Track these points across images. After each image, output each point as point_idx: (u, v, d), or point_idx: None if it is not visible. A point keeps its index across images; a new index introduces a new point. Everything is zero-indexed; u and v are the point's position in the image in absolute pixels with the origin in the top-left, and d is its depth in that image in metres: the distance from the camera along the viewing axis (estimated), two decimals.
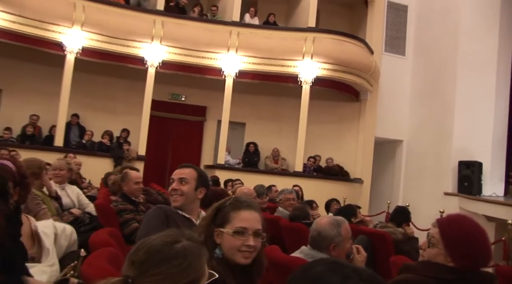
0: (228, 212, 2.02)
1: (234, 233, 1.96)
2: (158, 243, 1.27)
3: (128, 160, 11.38)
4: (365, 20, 14.04)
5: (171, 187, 3.02)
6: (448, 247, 2.07)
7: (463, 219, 2.14)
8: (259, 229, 2.01)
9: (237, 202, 2.06)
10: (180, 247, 1.26)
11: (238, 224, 1.98)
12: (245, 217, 2.00)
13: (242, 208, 2.02)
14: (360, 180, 13.19)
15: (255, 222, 2.01)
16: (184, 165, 3.14)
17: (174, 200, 3.00)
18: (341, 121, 13.65)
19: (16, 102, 11.86)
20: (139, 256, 1.25)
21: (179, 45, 11.86)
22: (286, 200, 6.23)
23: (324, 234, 2.89)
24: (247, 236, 1.96)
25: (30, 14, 10.64)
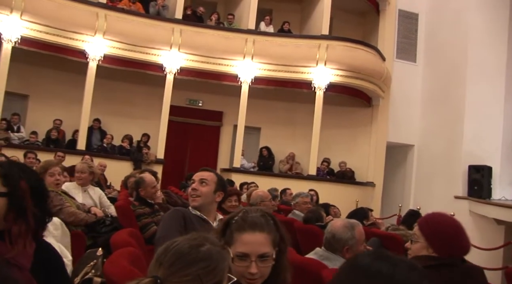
0: (232, 232, 1.83)
1: (235, 257, 1.76)
2: (185, 245, 1.29)
3: (147, 164, 11.70)
4: (377, 28, 14.26)
5: (191, 187, 3.12)
6: (428, 239, 2.34)
7: (438, 215, 2.44)
8: (264, 253, 1.77)
9: (242, 220, 1.84)
10: (206, 250, 1.29)
11: (239, 249, 1.78)
12: (247, 241, 1.78)
13: (245, 229, 1.80)
14: (372, 183, 13.41)
15: (259, 246, 1.77)
16: (205, 169, 3.26)
17: (193, 200, 3.07)
18: (354, 126, 13.88)
19: (41, 107, 12.26)
20: (168, 257, 1.27)
21: (196, 53, 12.20)
22: (304, 203, 6.41)
23: (338, 236, 2.93)
24: (249, 263, 1.75)
25: (55, 23, 11.03)
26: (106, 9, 11.79)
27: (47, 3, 11.01)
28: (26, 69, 11.80)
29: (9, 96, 11.15)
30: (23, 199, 1.83)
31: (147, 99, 12.92)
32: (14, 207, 1.80)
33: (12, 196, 1.80)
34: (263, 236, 1.79)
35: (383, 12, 14.16)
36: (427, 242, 2.34)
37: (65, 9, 11.19)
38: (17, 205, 1.80)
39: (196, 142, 13.68)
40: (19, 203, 1.81)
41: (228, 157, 13.58)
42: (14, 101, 11.94)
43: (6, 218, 1.78)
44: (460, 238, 2.36)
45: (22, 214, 1.82)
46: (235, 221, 1.84)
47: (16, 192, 1.82)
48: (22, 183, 1.84)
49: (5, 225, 1.78)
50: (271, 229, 1.83)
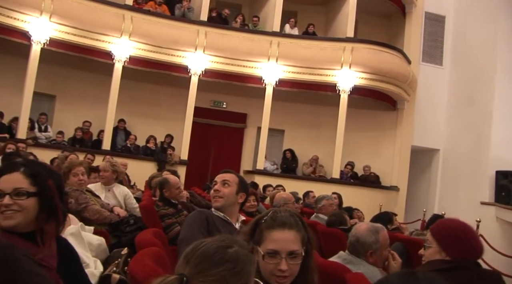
0: (262, 230, 1.88)
1: (265, 255, 1.81)
2: (213, 246, 1.31)
3: (171, 164, 11.79)
4: (402, 30, 14.14)
5: (213, 188, 3.15)
6: (440, 243, 2.36)
7: (450, 219, 2.47)
8: (294, 251, 1.81)
9: (272, 219, 1.89)
10: (233, 252, 1.30)
11: (269, 246, 1.82)
12: (277, 238, 1.83)
13: (275, 227, 1.85)
14: (396, 187, 13.29)
15: (289, 243, 1.82)
16: (227, 170, 3.28)
17: (216, 201, 3.10)
18: (378, 130, 13.78)
19: (68, 107, 12.45)
20: (195, 256, 1.29)
21: (221, 54, 12.26)
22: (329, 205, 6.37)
23: (362, 240, 2.91)
24: (279, 259, 1.79)
25: (82, 25, 11.20)
26: (132, 11, 11.92)
27: (75, 6, 11.20)
28: (54, 70, 11.99)
29: (37, 96, 11.37)
30: (53, 198, 1.85)
31: (172, 100, 13.03)
32: (45, 207, 1.83)
33: (42, 196, 1.83)
34: (293, 233, 1.84)
35: (409, 14, 14.04)
36: (439, 247, 2.36)
37: (93, 11, 11.36)
38: (47, 204, 1.83)
39: (219, 144, 13.74)
40: (49, 203, 1.83)
41: (252, 159, 13.60)
42: (42, 101, 12.17)
43: (38, 218, 1.81)
44: (472, 241, 2.38)
45: (53, 214, 1.85)
46: (264, 221, 1.89)
47: (46, 191, 1.84)
48: (50, 182, 1.86)
49: (36, 225, 1.81)
50: (300, 228, 1.88)
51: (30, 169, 1.85)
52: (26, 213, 1.78)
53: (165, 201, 4.99)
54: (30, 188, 1.81)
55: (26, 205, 1.78)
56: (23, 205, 1.78)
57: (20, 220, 1.77)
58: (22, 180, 1.81)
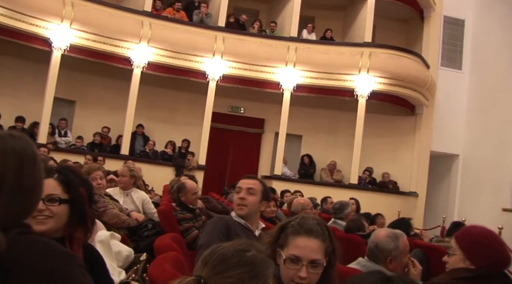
0: (287, 235, 1.89)
1: (287, 260, 1.82)
2: (230, 249, 1.32)
3: (188, 170, 11.84)
4: (421, 35, 14.04)
5: (238, 195, 3.07)
6: (465, 251, 2.29)
7: (475, 226, 2.39)
8: (316, 260, 1.81)
9: (299, 225, 1.90)
10: (251, 256, 1.30)
11: (291, 251, 1.83)
12: (301, 245, 1.83)
13: (301, 234, 1.86)
14: (415, 193, 13.17)
15: (312, 251, 1.82)
16: (251, 176, 3.22)
17: (240, 209, 3.03)
18: (397, 135, 13.67)
19: (87, 112, 12.58)
20: (213, 259, 1.30)
21: (239, 60, 12.29)
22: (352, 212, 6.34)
23: (382, 246, 2.86)
24: (300, 266, 1.79)
25: (102, 31, 11.33)
26: (151, 17, 12.03)
27: (95, 12, 11.35)
28: (74, 76, 12.12)
29: (57, 101, 11.52)
30: (83, 205, 1.90)
31: (190, 105, 13.09)
32: (76, 214, 1.87)
33: (73, 203, 1.87)
34: (317, 243, 1.84)
35: (427, 18, 13.95)
36: (464, 254, 2.29)
37: (112, 18, 11.50)
38: (78, 211, 1.87)
39: (237, 149, 13.75)
40: (80, 210, 1.88)
41: (269, 164, 13.59)
42: (62, 107, 12.33)
43: (68, 224, 1.85)
44: (498, 250, 2.29)
45: (83, 221, 1.89)
46: (291, 226, 1.90)
47: (77, 198, 1.89)
48: (81, 189, 1.91)
49: (65, 231, 1.84)
50: (325, 238, 1.88)
51: (63, 176, 1.89)
52: (58, 219, 1.82)
53: (182, 206, 5.00)
54: (63, 195, 1.86)
55: (57, 211, 1.83)
56: (55, 211, 1.82)
57: (51, 225, 1.81)
58: (56, 186, 1.86)
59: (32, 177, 1.28)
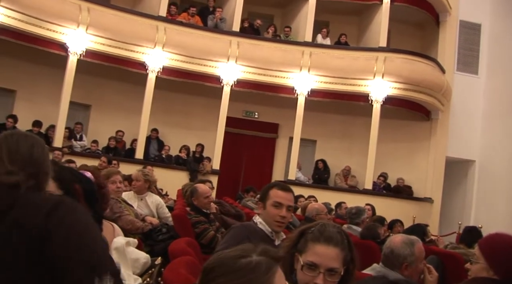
0: (307, 241, 1.87)
1: (304, 266, 1.81)
2: (228, 255, 1.29)
3: (203, 174, 11.87)
4: (436, 40, 13.96)
5: (279, 213, 2.89)
6: (488, 260, 2.19)
7: (501, 235, 2.27)
8: (334, 268, 1.79)
9: (319, 232, 1.87)
10: (247, 261, 1.26)
11: (309, 258, 1.81)
12: (319, 252, 1.81)
13: (320, 241, 1.84)
14: (430, 199, 13.04)
15: (330, 259, 1.80)
16: (289, 189, 3.01)
17: (279, 226, 2.91)
18: (412, 140, 13.57)
19: (102, 117, 12.66)
20: (209, 265, 1.28)
21: (253, 65, 12.32)
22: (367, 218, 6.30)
23: (397, 252, 2.83)
24: (317, 274, 1.78)
25: (117, 36, 11.44)
26: (166, 22, 12.10)
27: (111, 17, 11.46)
28: (90, 80, 12.20)
29: (73, 105, 11.63)
30: (78, 201, 1.91)
31: (204, 110, 13.12)
32: None
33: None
34: (336, 251, 1.82)
35: (443, 23, 13.85)
36: (487, 263, 2.20)
37: (127, 23, 11.61)
38: None
39: (251, 154, 13.73)
40: None
41: (283, 169, 13.55)
42: (78, 111, 12.43)
43: None
44: None
45: None
46: (311, 232, 1.88)
47: (71, 194, 1.94)
48: (76, 186, 1.98)
49: None
50: (344, 247, 1.86)
51: (56, 174, 1.94)
52: None
53: (196, 210, 5.02)
54: (57, 191, 1.92)
55: None
56: None
57: None
58: (50, 183, 1.87)
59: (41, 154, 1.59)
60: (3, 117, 11.06)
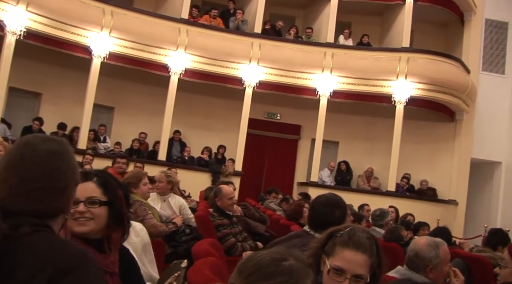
0: (335, 244, 1.84)
1: (331, 270, 1.78)
2: (266, 258, 1.27)
3: (225, 175, 11.90)
4: (461, 39, 13.76)
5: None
6: None
7: None
8: (360, 275, 1.76)
9: (348, 236, 1.84)
10: (287, 265, 1.25)
11: (337, 262, 1.78)
12: (347, 257, 1.79)
13: (349, 246, 1.80)
14: (454, 201, 12.86)
15: (357, 266, 1.77)
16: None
17: None
18: (436, 142, 13.41)
19: (125, 119, 12.78)
20: (248, 267, 1.26)
21: (275, 66, 12.31)
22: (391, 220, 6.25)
23: (422, 254, 2.77)
24: (343, 279, 1.75)
25: (140, 39, 11.53)
26: (188, 24, 12.16)
27: (134, 20, 11.58)
28: (113, 83, 12.32)
29: (97, 108, 11.76)
30: (121, 207, 1.96)
31: (226, 112, 13.15)
32: (114, 215, 1.93)
33: (112, 205, 1.93)
34: (364, 258, 1.79)
35: (468, 22, 13.66)
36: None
37: (150, 25, 11.69)
38: (116, 213, 1.93)
39: (273, 155, 13.74)
40: (118, 212, 1.94)
41: (306, 170, 13.52)
42: (102, 113, 12.57)
43: (107, 226, 1.91)
44: None
45: (121, 222, 1.94)
46: (340, 235, 1.86)
47: (116, 201, 1.95)
48: (119, 192, 1.98)
49: (104, 232, 1.90)
50: (373, 254, 1.83)
51: (102, 179, 1.96)
52: (98, 221, 1.88)
53: (219, 211, 5.02)
54: (102, 197, 1.92)
55: (98, 213, 1.89)
56: (96, 213, 1.88)
57: (92, 227, 1.87)
58: (95, 189, 1.92)
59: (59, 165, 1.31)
60: (30, 120, 11.26)
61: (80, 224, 1.86)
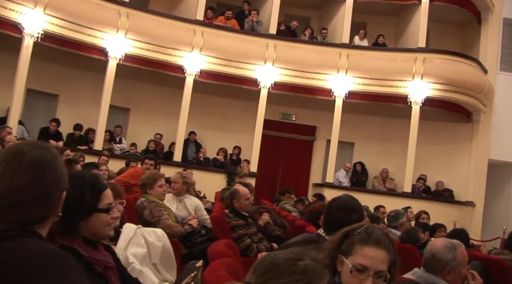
0: (353, 243, 1.84)
1: (353, 268, 1.77)
2: (282, 257, 1.29)
3: (240, 177, 11.91)
4: (478, 39, 13.62)
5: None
6: None
7: None
8: (382, 271, 1.78)
9: (366, 234, 1.84)
10: (303, 265, 1.26)
11: (359, 260, 1.78)
12: (369, 254, 1.79)
13: (369, 244, 1.81)
14: (472, 203, 12.72)
15: (379, 262, 1.79)
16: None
17: None
18: (452, 142, 13.28)
19: (141, 120, 12.86)
20: (263, 266, 1.27)
21: (290, 67, 12.29)
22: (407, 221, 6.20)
23: (439, 256, 2.76)
24: (366, 276, 1.76)
25: (155, 41, 11.59)
26: (203, 26, 12.19)
27: (149, 22, 11.64)
28: (129, 84, 12.42)
29: (113, 109, 11.83)
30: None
31: (241, 113, 13.17)
32: None
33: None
34: (385, 254, 1.81)
35: (485, 21, 13.52)
36: None
37: (165, 27, 11.75)
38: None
39: (288, 156, 13.72)
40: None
41: (321, 172, 13.49)
42: (117, 114, 12.66)
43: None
44: None
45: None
46: (357, 233, 1.86)
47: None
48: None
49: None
50: (390, 250, 1.85)
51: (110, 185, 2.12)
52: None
53: (235, 212, 5.03)
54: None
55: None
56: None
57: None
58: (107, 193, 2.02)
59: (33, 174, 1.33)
60: (47, 121, 11.38)
61: (112, 229, 2.01)
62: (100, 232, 1.91)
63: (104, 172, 7.28)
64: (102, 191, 1.94)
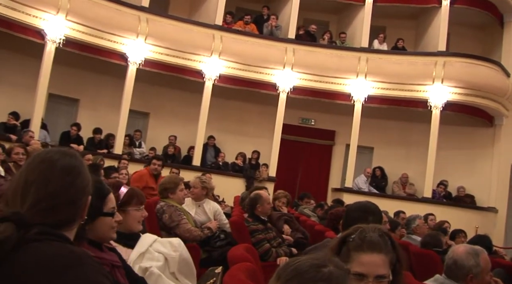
0: (349, 250, 1.80)
1: (352, 277, 1.66)
2: (306, 264, 1.27)
3: (259, 181, 11.90)
4: (500, 42, 13.43)
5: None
6: None
7: None
8: (382, 275, 1.74)
9: (360, 239, 1.80)
10: (327, 271, 1.25)
11: (356, 268, 1.73)
12: (365, 261, 1.75)
13: (363, 250, 1.77)
14: (494, 209, 12.52)
15: (376, 267, 1.75)
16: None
17: None
18: (474, 147, 13.10)
19: (160, 124, 12.94)
20: (287, 272, 1.26)
21: (309, 72, 12.28)
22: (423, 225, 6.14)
23: (461, 263, 2.71)
24: (366, 282, 1.74)
25: (175, 45, 11.67)
26: (222, 31, 12.25)
27: (169, 27, 11.73)
28: (148, 89, 12.52)
29: (132, 113, 11.93)
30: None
31: (260, 117, 13.19)
32: None
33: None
34: (381, 257, 1.76)
35: (508, 24, 13.32)
36: None
37: (184, 32, 11.83)
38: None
39: (307, 161, 13.69)
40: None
41: (340, 176, 13.42)
42: (137, 118, 12.76)
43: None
44: None
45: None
46: (352, 240, 1.81)
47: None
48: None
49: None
50: (389, 250, 1.80)
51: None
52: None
53: (254, 217, 5.04)
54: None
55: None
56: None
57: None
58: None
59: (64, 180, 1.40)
60: (68, 125, 11.52)
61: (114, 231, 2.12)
62: (105, 235, 2.02)
63: (124, 176, 7.35)
64: (107, 195, 2.04)
